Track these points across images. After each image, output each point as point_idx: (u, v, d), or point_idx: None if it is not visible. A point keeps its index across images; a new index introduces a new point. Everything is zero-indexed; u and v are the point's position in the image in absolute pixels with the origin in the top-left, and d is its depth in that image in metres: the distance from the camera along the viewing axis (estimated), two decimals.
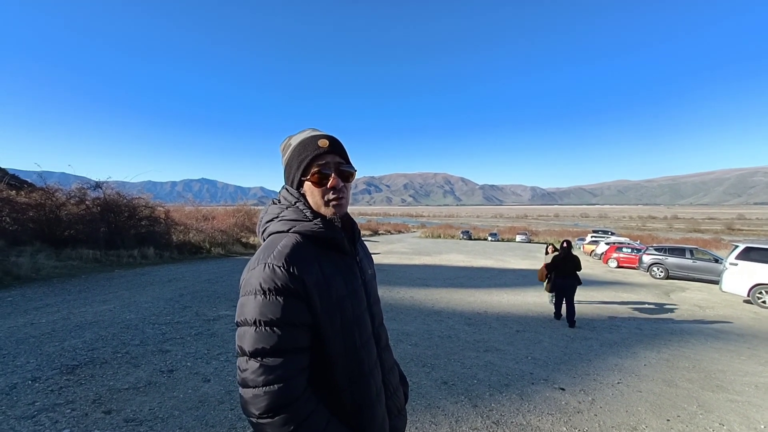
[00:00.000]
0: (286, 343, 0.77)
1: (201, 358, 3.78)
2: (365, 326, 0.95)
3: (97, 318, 4.99)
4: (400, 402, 1.08)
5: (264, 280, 0.78)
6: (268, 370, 0.75)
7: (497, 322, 6.30)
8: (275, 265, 0.80)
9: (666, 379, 4.08)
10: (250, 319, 0.78)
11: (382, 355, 1.03)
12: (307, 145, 0.92)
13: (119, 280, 8.09)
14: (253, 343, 0.76)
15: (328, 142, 0.92)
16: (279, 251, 0.82)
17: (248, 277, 0.81)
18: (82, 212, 12.22)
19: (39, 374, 3.23)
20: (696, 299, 9.98)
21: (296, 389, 0.77)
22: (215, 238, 16.74)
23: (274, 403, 0.74)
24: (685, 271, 13.83)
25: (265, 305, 0.77)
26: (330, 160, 0.92)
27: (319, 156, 0.91)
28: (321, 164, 0.91)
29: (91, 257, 10.66)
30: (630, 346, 5.30)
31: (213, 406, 2.83)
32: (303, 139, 0.94)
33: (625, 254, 17.96)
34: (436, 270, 13.58)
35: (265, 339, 0.76)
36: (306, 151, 0.92)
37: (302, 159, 0.92)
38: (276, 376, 0.75)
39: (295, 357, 0.79)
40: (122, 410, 2.71)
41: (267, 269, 0.79)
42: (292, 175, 0.95)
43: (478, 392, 3.42)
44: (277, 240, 0.87)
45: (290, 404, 0.75)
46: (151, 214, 14.46)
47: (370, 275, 1.08)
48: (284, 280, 0.79)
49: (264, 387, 0.74)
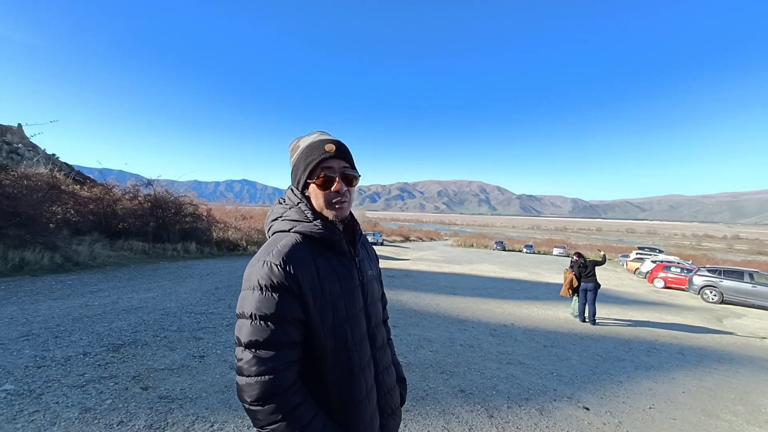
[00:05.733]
0: (278, 337, 0.82)
1: (230, 348, 4.02)
2: (359, 326, 0.98)
3: (142, 304, 5.43)
4: (394, 402, 1.10)
5: (262, 277, 0.84)
6: (261, 362, 0.80)
7: (524, 335, 6.11)
8: (273, 263, 0.84)
9: (706, 409, 3.79)
10: (247, 313, 0.83)
11: (377, 354, 1.05)
12: (314, 148, 0.96)
13: (163, 271, 8.71)
14: (249, 335, 0.82)
15: (335, 147, 0.95)
16: (278, 250, 0.87)
17: (249, 272, 0.86)
18: (134, 207, 13.26)
19: (89, 350, 3.59)
20: (753, 327, 9.08)
21: (286, 381, 0.82)
22: (252, 236, 17.53)
23: (265, 393, 0.79)
24: (742, 296, 12.60)
25: (261, 300, 0.82)
26: (335, 165, 0.95)
27: (325, 160, 0.94)
28: (326, 168, 0.94)
29: (140, 249, 11.54)
30: (668, 371, 4.95)
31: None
32: (311, 142, 0.98)
33: (674, 274, 16.65)
34: (465, 279, 13.36)
35: (259, 332, 0.81)
36: (313, 155, 0.95)
37: (309, 162, 0.95)
38: (267, 368, 0.80)
39: (287, 351, 0.83)
40: (158, 387, 2.96)
41: (265, 267, 0.84)
42: (299, 177, 0.98)
43: (496, 403, 3.37)
44: (279, 239, 0.92)
45: (279, 395, 0.80)
46: (195, 212, 15.39)
47: (371, 276, 1.10)
48: (280, 278, 0.83)
49: (256, 377, 0.79)
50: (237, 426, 2.54)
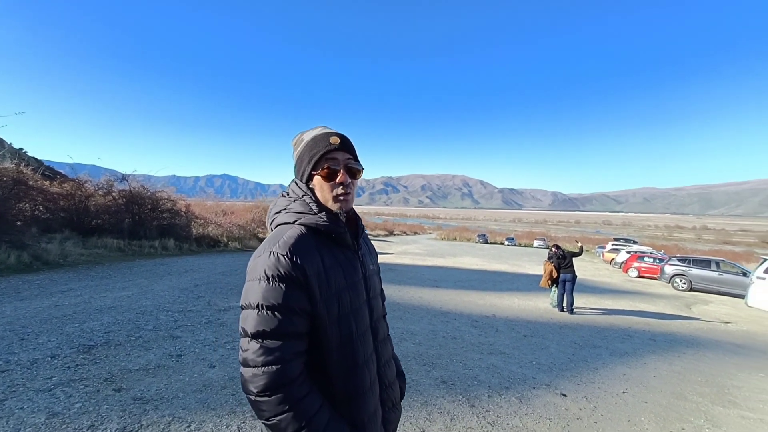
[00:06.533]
0: (285, 328, 0.82)
1: (209, 346, 3.93)
2: (363, 318, 0.98)
3: (116, 303, 5.24)
4: (395, 396, 1.11)
5: (268, 267, 0.84)
6: (267, 352, 0.80)
7: (505, 326, 6.23)
8: (279, 254, 0.85)
9: (675, 391, 3.96)
10: (253, 303, 0.83)
11: (379, 348, 1.06)
12: (318, 141, 0.97)
13: (139, 269, 8.43)
14: (255, 325, 0.82)
15: (339, 140, 0.97)
16: (284, 241, 0.87)
17: (254, 264, 0.87)
18: (108, 203, 12.77)
19: (58, 352, 3.44)
20: (719, 313, 9.57)
21: (292, 372, 0.82)
22: (233, 232, 17.18)
23: (272, 383, 0.79)
24: (709, 284, 13.26)
25: (268, 291, 0.82)
26: (339, 157, 0.97)
27: (330, 152, 0.96)
28: (331, 159, 0.96)
29: (115, 246, 11.13)
30: (641, 356, 5.15)
31: (216, 391, 2.95)
32: (315, 135, 0.99)
33: (647, 264, 17.33)
34: (449, 272, 13.51)
35: (266, 322, 0.81)
36: (317, 147, 0.96)
37: (313, 154, 0.96)
38: (274, 358, 0.80)
39: (293, 341, 0.83)
40: (131, 389, 2.86)
41: (272, 257, 0.84)
42: (303, 169, 0.99)
43: (477, 393, 3.42)
44: (283, 230, 0.91)
45: (286, 385, 0.80)
46: (173, 207, 14.94)
47: (372, 270, 1.11)
48: (287, 268, 0.84)
49: (263, 367, 0.80)
50: (215, 425, 2.49)
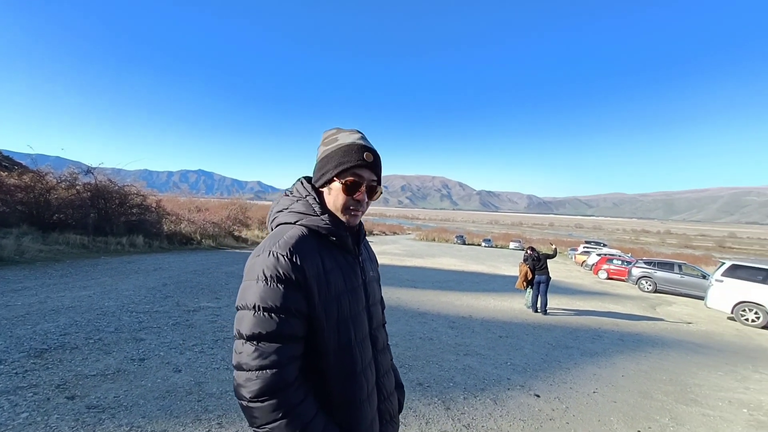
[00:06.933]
0: (282, 330, 0.79)
1: (175, 348, 3.73)
2: (362, 325, 0.96)
3: (75, 303, 4.91)
4: (393, 408, 1.08)
5: (267, 267, 0.81)
6: (263, 355, 0.77)
7: (481, 326, 6.29)
8: (279, 254, 0.82)
9: (642, 390, 4.09)
10: (250, 304, 0.79)
11: (378, 357, 1.03)
12: (354, 150, 0.93)
13: (104, 266, 7.99)
14: (251, 327, 0.78)
15: (373, 158, 0.95)
16: (284, 241, 0.84)
17: (253, 263, 0.84)
18: (72, 197, 12.08)
19: (5, 357, 3.16)
20: (681, 313, 10.05)
21: (289, 376, 0.78)
22: (207, 229, 16.62)
23: (267, 388, 0.75)
24: (672, 286, 13.93)
25: (266, 291, 0.79)
26: (366, 175, 0.95)
27: (360, 167, 0.93)
28: (357, 175, 0.93)
29: (79, 243, 10.54)
30: (610, 356, 5.31)
31: (180, 397, 2.79)
32: (353, 142, 0.95)
33: (616, 266, 18.04)
34: (427, 273, 13.57)
35: (262, 324, 0.78)
36: (350, 156, 0.93)
37: (344, 161, 0.93)
38: (270, 361, 0.77)
39: (290, 345, 0.80)
40: (86, 396, 2.66)
41: (271, 257, 0.81)
42: (326, 170, 0.95)
43: (453, 395, 3.41)
44: (284, 230, 0.89)
45: (281, 390, 0.76)
46: (143, 203, 14.32)
47: (372, 277, 1.10)
48: (286, 269, 0.81)
49: (257, 371, 0.76)
50: None
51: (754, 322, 8.84)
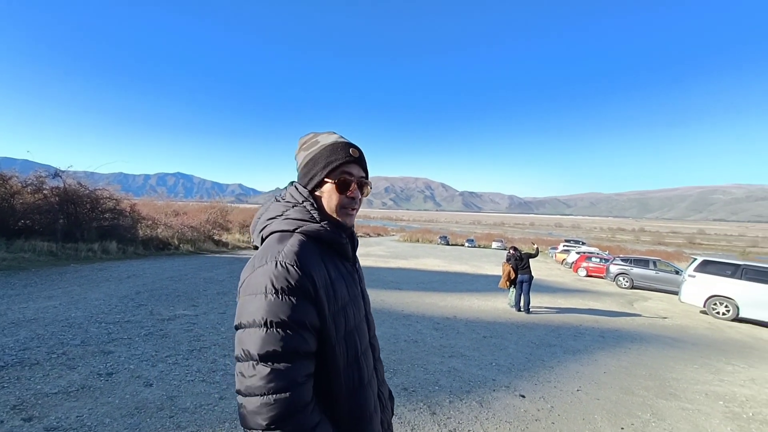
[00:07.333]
0: (299, 346, 0.73)
1: (147, 361, 3.53)
2: (364, 334, 0.94)
3: (38, 315, 4.61)
4: (389, 417, 1.05)
5: (276, 278, 0.74)
6: (280, 376, 0.70)
7: (465, 327, 6.28)
8: (287, 264, 0.75)
9: (624, 386, 4.15)
10: (258, 320, 0.71)
11: (377, 365, 1.01)
12: (339, 149, 0.92)
13: (73, 275, 7.59)
14: (263, 345, 0.70)
15: (359, 153, 0.94)
16: (289, 250, 0.78)
17: (254, 275, 0.76)
18: (38, 202, 11.50)
19: None
20: (657, 309, 10.36)
21: (306, 396, 0.73)
22: (185, 234, 16.11)
23: (285, 411, 0.69)
24: (648, 282, 14.40)
25: (277, 305, 0.72)
26: (355, 172, 0.93)
27: (348, 164, 0.91)
28: (346, 172, 0.92)
29: (46, 250, 10.02)
30: (592, 353, 5.38)
31: (151, 413, 2.62)
32: (335, 141, 0.94)
33: (594, 264, 18.53)
34: (411, 274, 13.55)
35: (276, 341, 0.71)
36: (336, 155, 0.91)
37: (331, 161, 0.90)
38: (287, 383, 0.70)
39: (305, 362, 0.74)
40: (45, 417, 2.46)
41: (279, 267, 0.75)
42: (315, 173, 0.92)
43: (438, 399, 3.35)
44: (283, 239, 0.83)
45: (299, 412, 0.71)
46: (116, 207, 13.75)
47: (364, 284, 1.08)
48: (297, 279, 0.75)
49: (274, 394, 0.68)
50: None
51: (724, 315, 9.20)
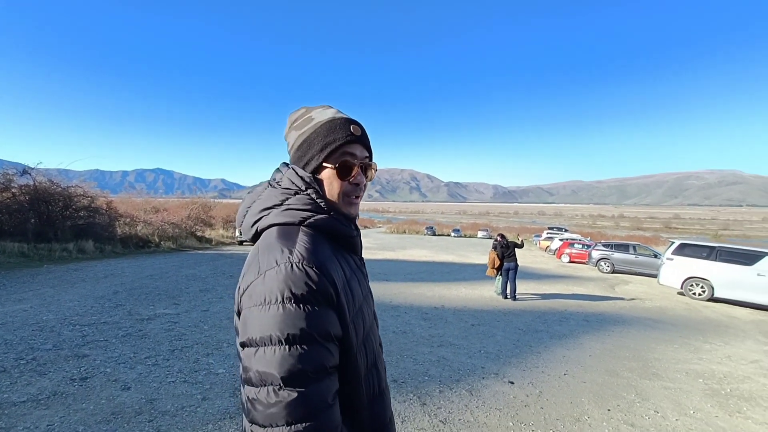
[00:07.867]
0: (325, 362, 0.61)
1: (124, 363, 3.38)
2: (376, 335, 0.85)
3: (7, 319, 4.37)
4: None
5: (294, 284, 0.60)
6: (308, 399, 0.57)
7: (453, 316, 6.30)
8: (305, 265, 0.62)
9: (609, 368, 4.22)
10: (276, 335, 0.58)
11: (384, 365, 0.92)
12: (337, 127, 0.77)
13: (45, 276, 7.26)
14: (286, 366, 0.57)
15: (361, 131, 0.80)
16: (304, 248, 0.65)
17: (263, 280, 0.62)
18: (7, 201, 10.97)
19: None
20: (637, 291, 10.67)
21: (337, 417, 0.62)
22: (166, 231, 15.69)
23: None
24: (628, 266, 14.82)
25: (298, 315, 0.59)
26: (358, 153, 0.79)
27: (350, 144, 0.77)
28: (348, 153, 0.77)
29: (17, 251, 9.59)
30: (577, 337, 5.48)
31: (128, 419, 2.49)
32: (333, 118, 0.79)
33: (577, 250, 18.94)
34: (398, 265, 13.56)
35: (301, 359, 0.58)
36: (335, 134, 0.76)
37: (330, 141, 0.76)
38: (317, 406, 0.58)
39: (333, 379, 0.63)
40: (12, 428, 2.31)
41: (296, 270, 0.61)
42: (311, 156, 0.77)
43: (428, 390, 3.33)
44: (287, 234, 0.69)
45: None
46: (91, 204, 13.25)
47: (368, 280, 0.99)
48: (318, 283, 0.62)
49: (303, 422, 0.56)
50: None
51: (700, 296, 9.54)
